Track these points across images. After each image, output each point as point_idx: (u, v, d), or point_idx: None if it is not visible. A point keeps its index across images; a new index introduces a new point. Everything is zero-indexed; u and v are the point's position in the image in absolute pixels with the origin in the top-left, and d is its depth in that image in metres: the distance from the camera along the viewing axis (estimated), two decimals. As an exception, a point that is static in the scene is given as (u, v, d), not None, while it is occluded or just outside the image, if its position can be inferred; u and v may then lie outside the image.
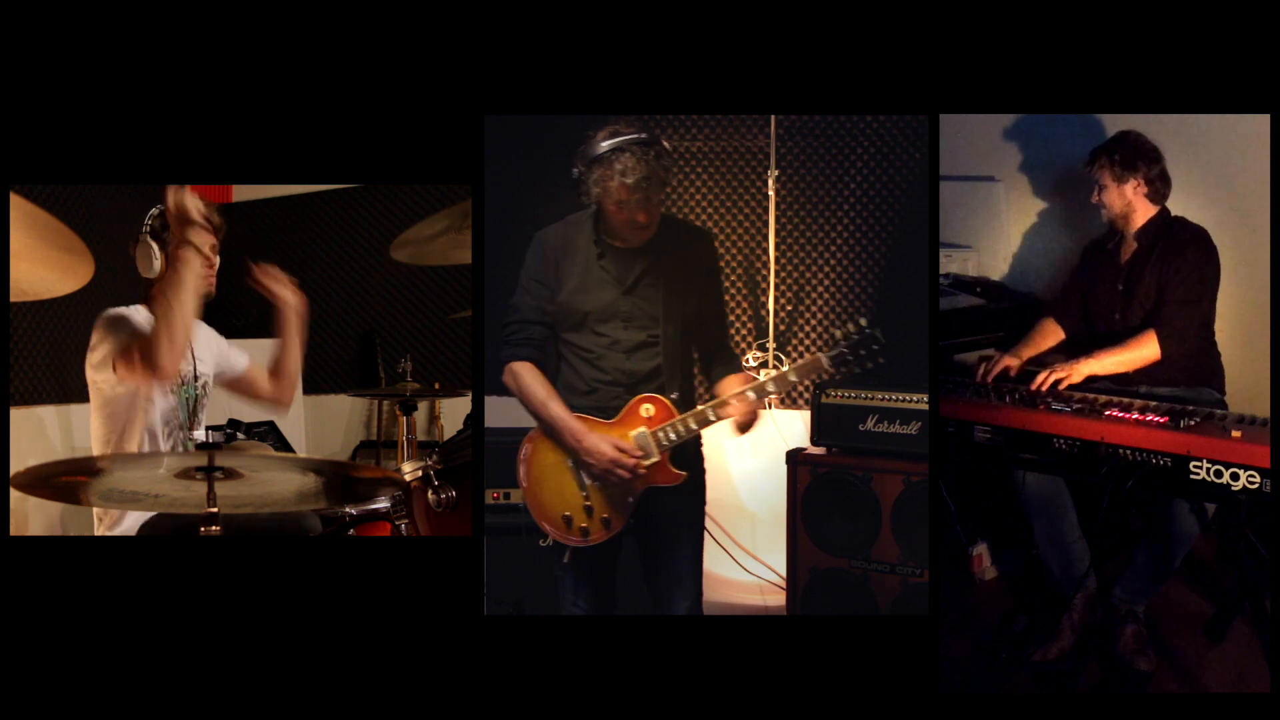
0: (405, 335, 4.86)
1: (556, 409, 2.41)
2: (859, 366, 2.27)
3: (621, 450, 2.35)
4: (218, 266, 2.63)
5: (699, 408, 2.37)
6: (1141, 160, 2.83)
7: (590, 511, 2.43)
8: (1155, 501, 2.72)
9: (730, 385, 2.42)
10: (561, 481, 2.45)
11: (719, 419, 2.35)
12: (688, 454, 2.47)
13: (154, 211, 2.62)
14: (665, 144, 2.33)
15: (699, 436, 2.44)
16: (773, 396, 2.37)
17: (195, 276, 2.45)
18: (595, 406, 2.43)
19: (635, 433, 2.39)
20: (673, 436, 2.37)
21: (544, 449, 2.47)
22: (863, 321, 2.28)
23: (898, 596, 3.22)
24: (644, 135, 2.29)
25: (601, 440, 2.37)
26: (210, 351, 2.81)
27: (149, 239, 2.60)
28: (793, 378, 2.33)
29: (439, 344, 4.82)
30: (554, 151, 4.16)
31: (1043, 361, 2.92)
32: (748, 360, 3.95)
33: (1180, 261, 2.79)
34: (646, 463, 2.38)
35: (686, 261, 2.45)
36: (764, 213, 3.95)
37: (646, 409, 2.39)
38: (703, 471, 2.56)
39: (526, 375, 2.44)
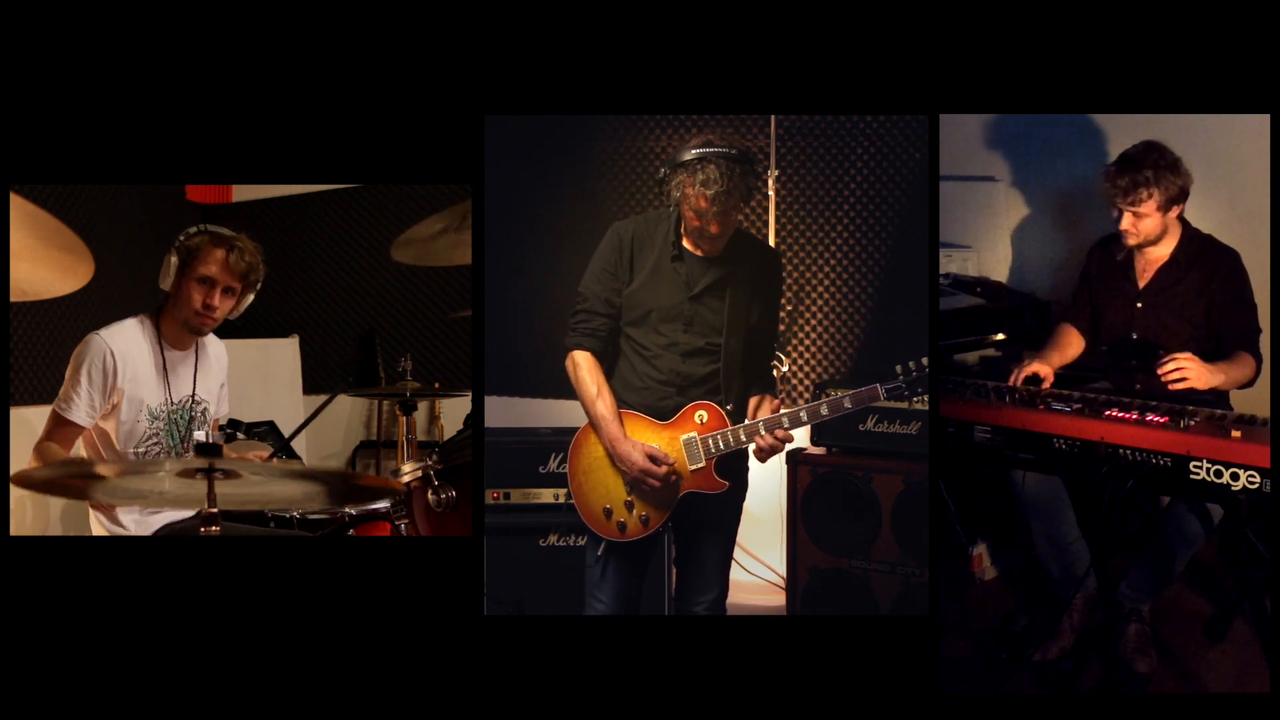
0: (405, 335, 4.86)
1: (602, 408, 2.44)
2: (907, 399, 2.39)
3: (653, 460, 2.39)
4: (226, 309, 2.66)
5: (749, 422, 2.42)
6: (1179, 178, 2.67)
7: (631, 507, 2.46)
8: (1159, 503, 2.72)
9: (762, 405, 2.47)
10: (606, 475, 2.48)
11: (763, 437, 2.40)
12: (733, 461, 2.49)
13: (192, 229, 2.64)
14: (752, 163, 2.33)
15: (746, 448, 2.47)
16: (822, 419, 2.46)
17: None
18: (646, 404, 2.47)
19: (685, 437, 2.43)
20: (721, 446, 2.42)
21: (593, 441, 2.49)
22: (925, 361, 2.37)
23: (898, 596, 3.22)
24: (734, 150, 2.29)
25: (634, 449, 2.41)
26: (215, 381, 2.83)
27: (173, 255, 2.61)
28: (848, 404, 2.40)
29: (439, 344, 4.82)
30: (554, 151, 4.19)
31: (1071, 371, 2.90)
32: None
33: (1235, 284, 2.73)
34: (691, 468, 2.42)
35: (755, 278, 2.47)
36: (764, 213, 3.95)
37: (701, 415, 2.43)
38: (746, 479, 2.58)
39: (584, 367, 2.47)
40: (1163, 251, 2.81)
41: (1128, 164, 2.69)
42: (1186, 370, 2.52)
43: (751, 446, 2.42)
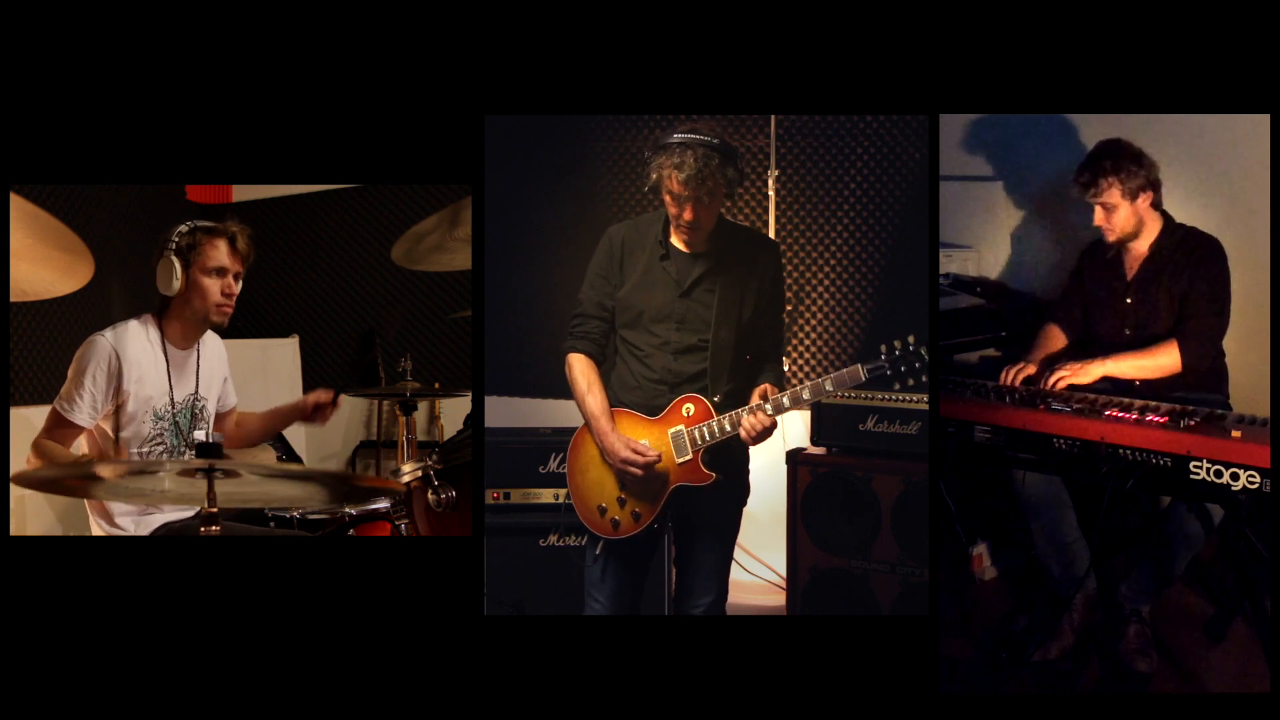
0: (405, 335, 4.86)
1: (591, 404, 2.47)
2: (898, 382, 2.30)
3: (635, 450, 2.41)
4: (236, 295, 2.66)
5: (731, 412, 2.40)
6: (1141, 169, 2.76)
7: (623, 503, 2.47)
8: (1159, 503, 2.72)
9: (754, 393, 2.45)
10: (601, 473, 2.50)
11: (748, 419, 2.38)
12: (733, 457, 2.49)
13: (181, 229, 2.63)
14: (739, 162, 2.35)
15: (737, 438, 2.44)
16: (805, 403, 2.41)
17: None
18: (641, 403, 2.48)
19: (672, 430, 2.44)
20: (706, 436, 2.42)
21: (589, 441, 2.52)
22: (911, 339, 2.31)
23: (898, 596, 3.22)
24: (718, 141, 2.31)
25: (618, 439, 2.43)
26: (216, 377, 2.82)
27: (172, 257, 2.60)
28: (828, 386, 2.37)
29: (439, 344, 4.82)
30: (554, 151, 4.19)
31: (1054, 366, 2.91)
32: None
33: (1204, 273, 2.75)
34: (679, 461, 2.42)
35: (748, 270, 2.46)
36: (764, 213, 3.94)
37: (688, 408, 2.44)
38: (747, 475, 2.57)
39: (577, 368, 2.51)
40: (1144, 246, 2.85)
41: (1089, 160, 2.80)
42: (1064, 373, 2.68)
43: (741, 431, 2.37)
